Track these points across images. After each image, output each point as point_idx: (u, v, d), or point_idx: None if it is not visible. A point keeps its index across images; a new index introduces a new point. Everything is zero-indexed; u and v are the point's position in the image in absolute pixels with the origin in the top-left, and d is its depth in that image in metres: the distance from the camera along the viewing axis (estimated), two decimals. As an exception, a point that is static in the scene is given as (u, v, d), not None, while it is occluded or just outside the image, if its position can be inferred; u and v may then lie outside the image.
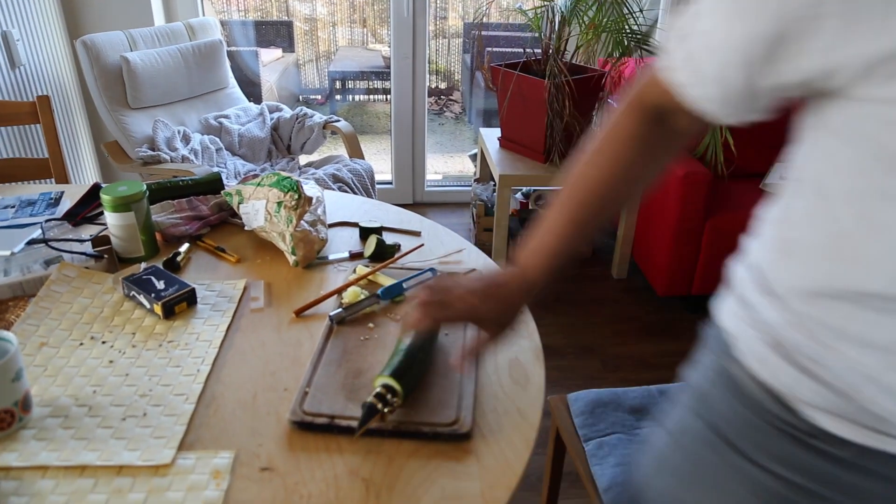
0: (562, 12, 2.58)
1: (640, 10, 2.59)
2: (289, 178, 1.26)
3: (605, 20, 2.54)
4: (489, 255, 2.89)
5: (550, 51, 2.62)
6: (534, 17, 2.69)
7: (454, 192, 3.63)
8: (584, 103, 2.66)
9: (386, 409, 0.81)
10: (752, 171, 2.85)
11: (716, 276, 2.53)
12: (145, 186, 1.25)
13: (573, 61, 2.80)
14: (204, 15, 3.12)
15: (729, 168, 2.79)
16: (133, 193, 1.21)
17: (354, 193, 2.53)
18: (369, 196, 2.62)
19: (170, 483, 0.77)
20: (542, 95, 2.54)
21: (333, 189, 2.45)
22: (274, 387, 0.93)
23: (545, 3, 2.62)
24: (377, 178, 3.42)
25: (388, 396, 0.81)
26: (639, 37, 2.56)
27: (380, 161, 4.26)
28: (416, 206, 3.58)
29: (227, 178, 2.53)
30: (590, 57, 2.82)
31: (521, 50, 2.82)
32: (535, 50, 2.78)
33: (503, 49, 4.15)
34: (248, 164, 2.72)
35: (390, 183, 3.56)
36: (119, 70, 2.52)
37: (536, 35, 2.72)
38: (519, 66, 2.71)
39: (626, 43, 2.53)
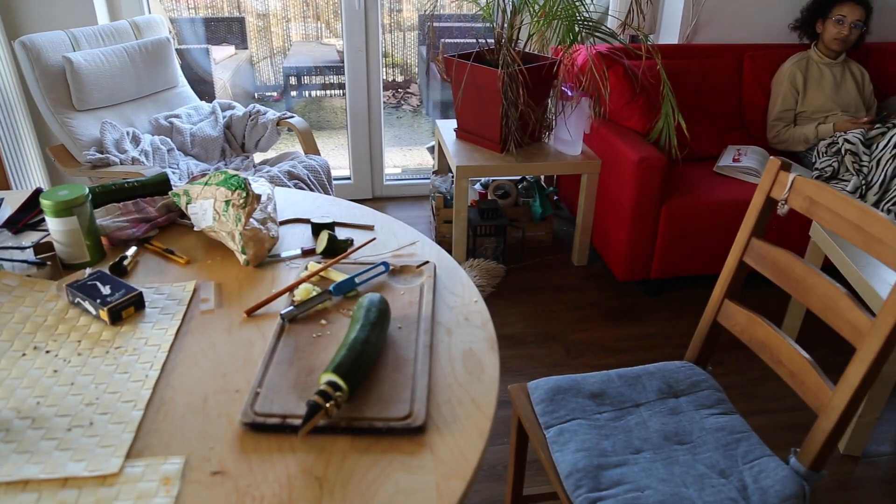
0: (513, 1, 2.58)
1: (590, -2, 2.61)
2: (236, 175, 1.23)
3: (556, 8, 2.54)
4: (450, 246, 2.89)
5: (503, 40, 2.62)
6: (486, 7, 2.69)
7: (414, 186, 3.62)
8: (538, 91, 2.67)
9: (328, 405, 0.80)
10: (705, 155, 2.90)
11: (673, 260, 2.56)
12: (88, 190, 1.21)
13: (526, 50, 2.81)
14: (150, 13, 3.05)
15: (682, 152, 2.83)
16: (75, 197, 1.18)
17: (311, 190, 2.50)
18: (326, 192, 2.59)
19: (117, 493, 0.75)
20: (496, 85, 2.54)
21: (289, 186, 2.42)
22: (225, 389, 0.91)
23: (496, -8, 2.62)
24: (336, 173, 3.39)
25: (332, 392, 0.81)
26: (590, 24, 2.57)
27: (338, 157, 4.23)
28: (376, 200, 3.56)
29: (179, 179, 2.48)
30: (542, 45, 2.82)
31: (475, 40, 2.81)
32: (489, 40, 2.78)
33: (457, 40, 4.14)
34: (202, 163, 2.67)
35: (349, 178, 3.53)
36: (62, 71, 2.44)
37: (489, 25, 2.72)
38: (472, 57, 2.71)
39: (577, 30, 2.54)
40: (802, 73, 2.87)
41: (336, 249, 1.24)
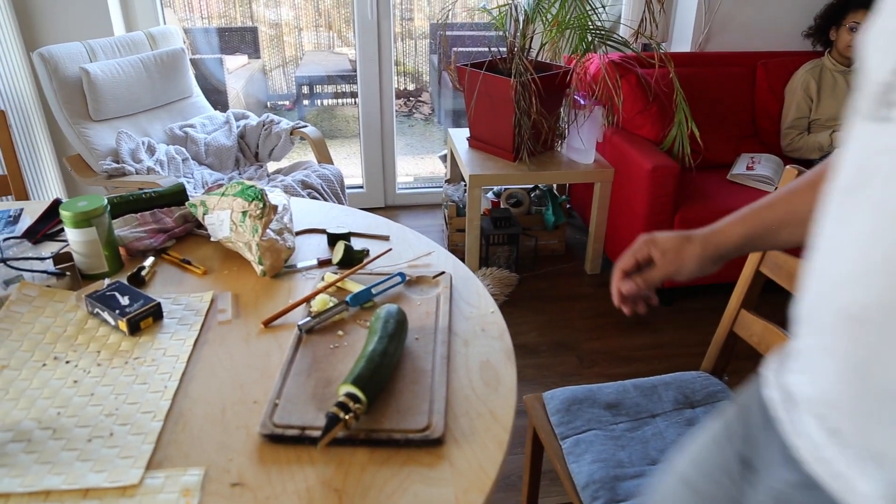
0: (525, 11, 2.58)
1: (603, 6, 2.61)
2: (253, 186, 1.24)
3: (568, 17, 2.55)
4: (462, 255, 2.89)
5: (515, 49, 2.63)
6: (498, 16, 2.70)
7: (426, 194, 3.62)
8: (551, 100, 2.67)
9: (347, 417, 0.80)
10: (719, 163, 2.89)
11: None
12: (106, 200, 1.22)
13: (538, 59, 2.81)
14: (165, 23, 3.08)
15: (696, 160, 2.82)
16: (94, 208, 1.19)
17: (324, 199, 2.51)
18: (340, 201, 2.60)
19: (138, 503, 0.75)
20: (509, 94, 2.55)
21: (303, 196, 2.43)
22: (243, 400, 0.91)
23: (509, 1, 2.63)
24: (348, 182, 3.40)
25: (351, 404, 0.81)
26: (602, 32, 2.57)
27: (351, 165, 4.24)
28: (388, 209, 3.57)
29: (194, 188, 2.50)
30: (555, 54, 2.83)
31: (487, 49, 2.82)
32: (501, 49, 2.78)
33: (469, 49, 4.15)
34: (216, 173, 2.69)
35: (361, 187, 3.54)
36: (79, 82, 2.47)
37: (501, 34, 2.73)
38: (485, 66, 2.72)
39: (589, 39, 2.54)
40: (816, 81, 2.86)
41: (352, 260, 1.25)
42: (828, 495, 0.62)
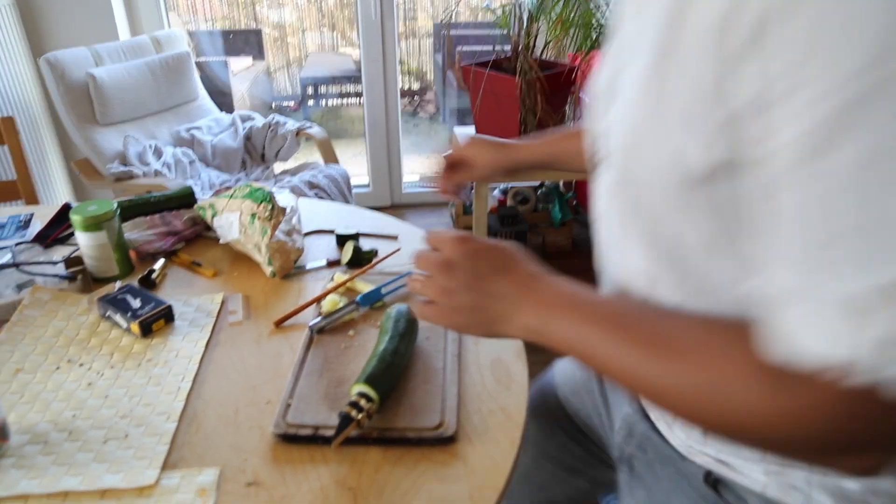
0: (529, 9, 2.58)
1: (607, 3, 2.61)
2: (261, 189, 1.25)
3: (572, 14, 2.55)
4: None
5: (520, 47, 2.63)
6: (502, 15, 2.70)
7: (432, 193, 3.63)
8: (556, 98, 2.67)
9: (360, 416, 0.80)
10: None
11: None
12: (116, 204, 1.23)
13: (543, 57, 2.81)
14: (169, 27, 3.09)
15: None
16: (104, 212, 1.19)
17: (331, 199, 2.52)
18: (346, 201, 2.61)
19: (154, 504, 0.76)
20: (514, 92, 2.55)
21: (310, 196, 2.43)
22: (256, 400, 0.92)
23: (512, 0, 2.63)
24: (354, 181, 3.41)
25: (363, 403, 0.81)
26: (607, 29, 2.57)
27: (357, 165, 4.25)
28: (395, 208, 3.58)
29: (201, 190, 2.51)
30: (560, 51, 2.83)
31: (491, 48, 2.82)
32: (505, 47, 2.78)
33: (473, 47, 4.16)
34: (223, 174, 2.70)
35: (367, 186, 3.55)
36: (86, 87, 2.48)
37: (505, 32, 2.73)
38: (489, 64, 2.72)
39: (594, 37, 2.54)
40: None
41: (361, 260, 1.25)
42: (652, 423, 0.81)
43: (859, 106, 0.35)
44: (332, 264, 1.27)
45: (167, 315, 1.09)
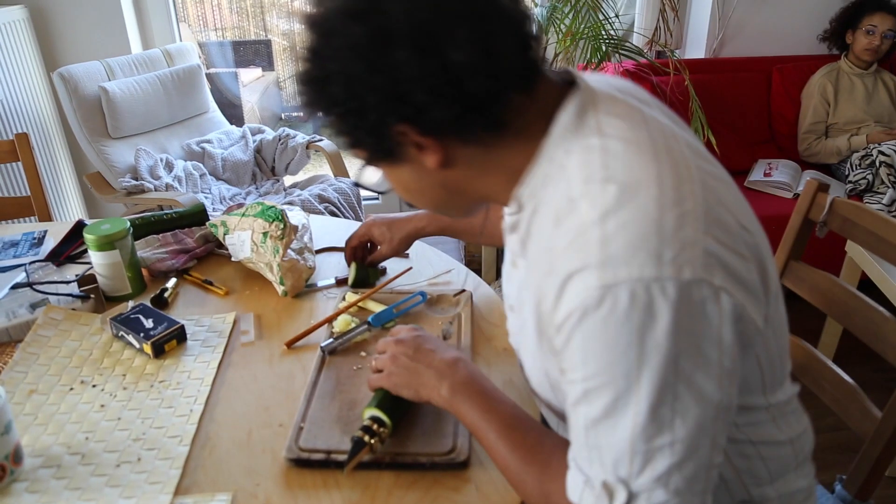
0: (539, 21, 2.59)
1: (616, 16, 2.61)
2: (273, 207, 1.25)
3: (581, 27, 2.55)
4: (479, 266, 2.89)
5: (529, 60, 2.62)
6: (511, 27, 2.70)
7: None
8: (566, 110, 2.66)
9: (373, 441, 0.80)
10: (735, 169, 2.87)
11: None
12: (129, 223, 1.24)
13: (553, 68, 2.81)
14: (181, 39, 3.11)
15: (712, 167, 2.80)
16: (117, 231, 1.20)
17: (341, 213, 2.53)
18: (356, 214, 2.61)
19: (167, 530, 0.76)
20: (524, 105, 2.54)
21: (320, 210, 2.44)
22: (268, 423, 0.92)
23: (521, 12, 2.63)
24: (364, 193, 3.41)
25: (375, 427, 0.81)
26: (616, 42, 2.57)
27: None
28: (404, 219, 3.57)
29: (212, 204, 2.52)
30: (569, 63, 2.83)
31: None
32: (514, 59, 2.78)
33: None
34: (233, 188, 2.71)
35: (377, 199, 3.55)
36: (98, 100, 2.50)
37: (514, 44, 2.72)
38: (499, 77, 2.71)
39: (603, 49, 2.54)
40: (833, 85, 2.84)
41: (367, 279, 1.25)
42: None
43: (586, 392, 0.61)
44: (341, 283, 1.27)
45: (179, 335, 1.09)
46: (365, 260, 1.27)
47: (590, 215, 0.60)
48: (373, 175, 0.80)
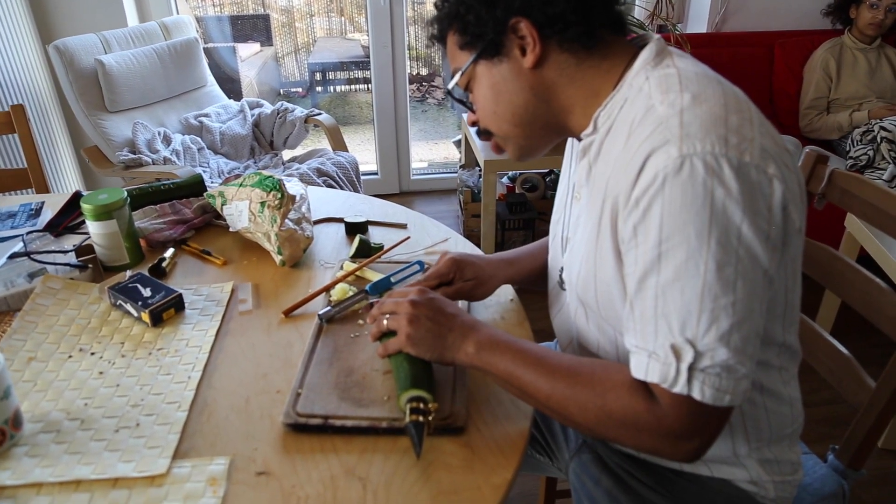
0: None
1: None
2: (270, 177, 1.25)
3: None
4: (478, 240, 2.89)
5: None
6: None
7: (441, 180, 3.62)
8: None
9: (429, 419, 0.81)
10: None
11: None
12: (126, 193, 1.23)
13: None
14: (178, 13, 3.08)
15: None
16: (114, 201, 1.20)
17: (340, 186, 2.52)
18: (355, 188, 2.60)
19: (166, 493, 0.77)
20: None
21: (319, 184, 2.43)
22: (266, 389, 0.93)
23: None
24: (363, 168, 3.41)
25: (422, 406, 0.81)
26: (617, 15, 2.54)
27: (365, 151, 4.24)
28: (403, 195, 3.57)
29: (210, 178, 2.51)
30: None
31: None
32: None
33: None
34: (231, 162, 2.70)
35: (376, 173, 3.54)
36: (94, 73, 2.49)
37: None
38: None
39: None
40: (836, 60, 2.82)
41: (368, 253, 1.25)
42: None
43: (660, 255, 0.68)
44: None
45: (177, 304, 1.09)
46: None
47: (669, 111, 0.71)
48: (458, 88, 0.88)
